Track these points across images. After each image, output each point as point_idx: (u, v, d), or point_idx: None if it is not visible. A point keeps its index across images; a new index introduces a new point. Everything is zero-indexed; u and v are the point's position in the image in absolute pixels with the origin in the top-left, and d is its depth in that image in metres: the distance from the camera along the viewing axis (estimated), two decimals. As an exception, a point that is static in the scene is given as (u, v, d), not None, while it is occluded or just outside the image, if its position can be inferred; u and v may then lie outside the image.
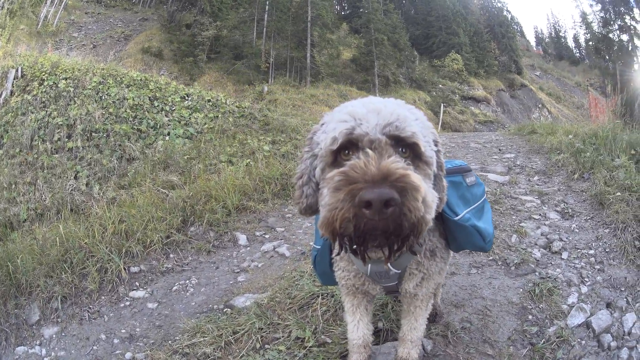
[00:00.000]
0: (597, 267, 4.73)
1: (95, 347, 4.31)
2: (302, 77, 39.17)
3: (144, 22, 43.51)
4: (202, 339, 3.81)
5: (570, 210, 6.21)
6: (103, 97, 12.01)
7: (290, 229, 6.74)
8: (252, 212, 7.29)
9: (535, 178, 8.07)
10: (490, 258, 4.94)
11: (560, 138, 10.68)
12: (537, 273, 4.56)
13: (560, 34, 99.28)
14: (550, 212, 6.23)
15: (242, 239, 6.39)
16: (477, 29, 59.64)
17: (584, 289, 4.32)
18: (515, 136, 13.84)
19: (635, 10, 41.89)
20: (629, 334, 3.78)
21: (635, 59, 42.29)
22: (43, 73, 12.85)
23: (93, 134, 10.87)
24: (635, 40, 42.21)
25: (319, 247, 2.69)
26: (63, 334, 4.58)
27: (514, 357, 3.37)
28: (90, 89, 12.19)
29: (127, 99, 11.99)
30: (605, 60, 44.22)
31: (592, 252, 5.03)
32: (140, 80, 13.42)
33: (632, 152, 7.57)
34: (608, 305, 4.11)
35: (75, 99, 11.83)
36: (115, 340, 4.34)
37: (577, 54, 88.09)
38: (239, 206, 7.28)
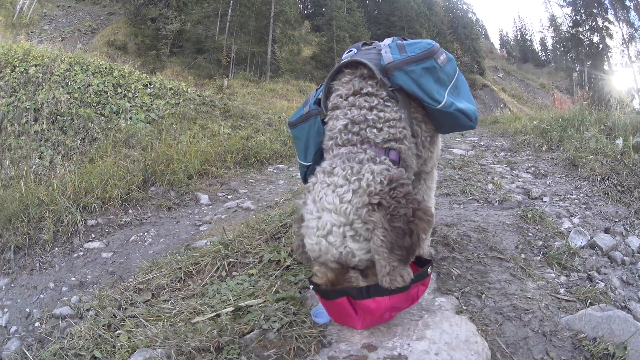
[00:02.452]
0: (583, 206, 4.54)
1: (42, 296, 4.13)
2: (262, 73, 39.14)
3: (111, 16, 42.92)
4: (158, 274, 3.46)
5: (542, 171, 5.99)
6: (69, 83, 12.10)
7: (254, 191, 6.57)
8: (214, 177, 7.12)
9: (502, 154, 7.80)
10: (470, 198, 4.73)
11: (525, 123, 10.63)
12: (522, 208, 4.30)
13: (527, 36, 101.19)
14: (522, 174, 6.01)
15: (204, 198, 6.17)
16: (441, 30, 60.13)
17: (576, 220, 4.12)
18: (478, 126, 13.69)
19: (610, 11, 42.81)
20: (639, 252, 3.65)
21: (605, 58, 43.29)
22: (15, 60, 12.82)
23: (58, 117, 10.89)
24: (607, 41, 43.16)
25: (309, 163, 2.73)
26: (12, 285, 4.39)
27: (529, 261, 3.14)
28: (57, 75, 12.25)
29: (92, 85, 12.14)
30: (573, 59, 45.07)
31: (574, 196, 4.83)
32: (105, 68, 13.63)
33: (602, 126, 7.51)
34: (606, 231, 3.92)
35: (44, 84, 11.85)
36: (64, 288, 4.15)
37: (543, 57, 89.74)
38: (201, 171, 7.11)
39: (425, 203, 2.08)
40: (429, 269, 2.20)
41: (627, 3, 40.21)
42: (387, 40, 2.70)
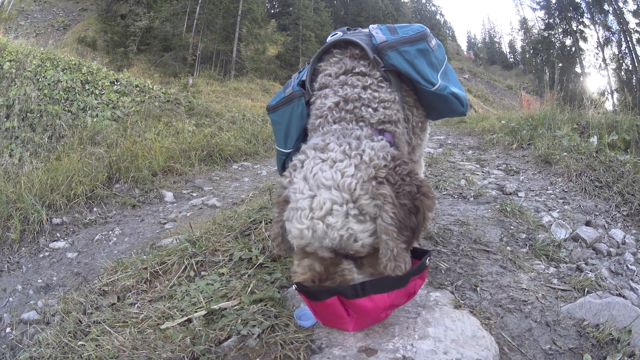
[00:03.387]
0: (561, 200, 4.49)
1: (11, 299, 4.00)
2: (227, 71, 39.26)
3: (83, 12, 42.43)
4: (123, 274, 3.21)
5: (514, 168, 5.96)
6: (40, 79, 12.04)
7: (218, 188, 6.54)
8: (178, 174, 7.08)
9: (470, 152, 7.78)
10: (444, 193, 4.67)
11: (492, 122, 10.62)
12: (498, 202, 4.20)
13: (495, 39, 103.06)
14: (493, 170, 5.97)
15: (169, 195, 6.09)
16: (407, 31, 60.94)
17: (555, 214, 4.07)
18: (443, 126, 13.71)
19: (586, 15, 43.67)
20: (624, 243, 3.66)
21: (577, 60, 44.18)
22: (-8, 55, 12.81)
23: (28, 114, 10.87)
24: (581, 44, 44.00)
25: (289, 150, 2.60)
26: (-18, 288, 4.25)
27: (517, 253, 3.06)
28: (30, 71, 12.17)
29: (61, 82, 12.07)
30: (544, 61, 45.90)
31: (549, 192, 4.79)
32: (74, 64, 13.62)
33: (575, 125, 7.55)
34: (588, 224, 3.89)
35: (16, 80, 11.76)
36: (31, 291, 4.02)
37: (511, 59, 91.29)
38: (165, 168, 7.03)
39: (427, 182, 1.93)
40: (427, 261, 2.02)
41: (606, 7, 40.98)
42: (374, 25, 2.59)
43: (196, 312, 2.37)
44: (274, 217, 2.02)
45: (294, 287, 1.95)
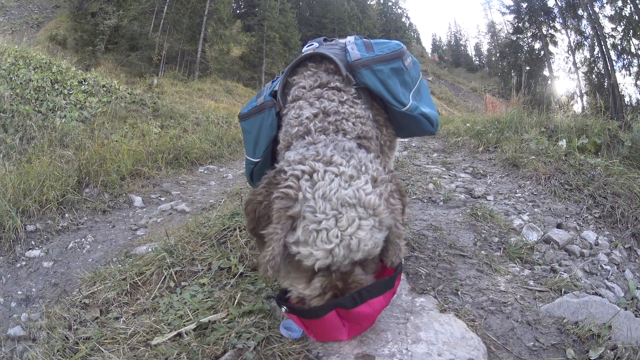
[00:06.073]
0: (530, 203, 4.56)
1: None
2: (191, 71, 39.20)
3: (57, 9, 42.16)
4: (102, 286, 3.15)
5: (481, 171, 6.04)
6: (13, 78, 11.81)
7: (186, 192, 6.54)
8: (146, 178, 7.02)
9: (435, 155, 7.88)
10: (414, 197, 4.73)
11: (457, 125, 10.77)
12: (468, 206, 4.29)
13: (461, 42, 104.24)
14: (460, 174, 6.04)
15: (138, 200, 6.05)
16: (372, 33, 60.85)
17: (525, 217, 4.15)
18: None
19: (558, 19, 44.19)
20: (597, 244, 3.76)
21: (546, 64, 44.82)
22: (-31, 53, 12.47)
23: (1, 114, 10.57)
24: (550, 47, 44.57)
25: (257, 160, 2.62)
26: (-34, 302, 4.12)
27: (491, 257, 3.14)
28: (4, 69, 11.95)
29: (32, 81, 11.88)
30: (511, 64, 46.44)
31: (518, 195, 4.87)
32: (45, 63, 13.52)
33: (543, 129, 7.62)
34: (559, 226, 3.98)
35: None
36: (13, 304, 3.89)
37: (477, 62, 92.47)
38: (133, 172, 6.96)
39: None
40: (403, 259, 2.12)
41: (580, 12, 41.62)
42: (350, 38, 2.63)
43: (185, 325, 2.33)
44: (273, 233, 1.82)
45: (283, 310, 1.93)
